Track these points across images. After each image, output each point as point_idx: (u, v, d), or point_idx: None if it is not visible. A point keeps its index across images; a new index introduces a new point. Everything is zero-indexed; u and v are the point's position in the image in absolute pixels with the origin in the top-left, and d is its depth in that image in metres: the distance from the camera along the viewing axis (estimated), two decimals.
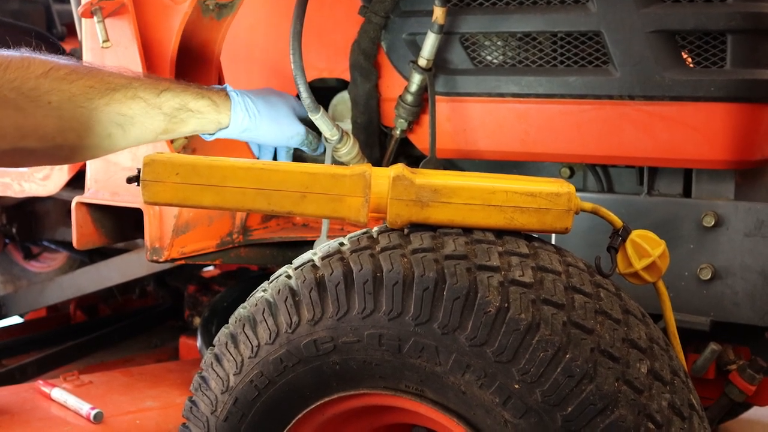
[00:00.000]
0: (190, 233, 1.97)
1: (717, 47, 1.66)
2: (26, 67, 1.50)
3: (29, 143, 1.52)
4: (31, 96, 1.50)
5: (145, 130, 1.65)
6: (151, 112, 1.65)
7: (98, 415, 2.13)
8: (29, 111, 1.50)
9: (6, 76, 1.48)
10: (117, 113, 1.60)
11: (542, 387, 1.18)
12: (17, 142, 1.51)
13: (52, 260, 3.72)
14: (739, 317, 1.72)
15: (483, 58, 1.89)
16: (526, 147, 1.86)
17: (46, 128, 1.53)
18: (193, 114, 1.72)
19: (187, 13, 1.90)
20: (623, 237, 1.40)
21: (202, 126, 1.76)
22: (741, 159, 1.70)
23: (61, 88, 1.53)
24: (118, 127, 1.60)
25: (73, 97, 1.54)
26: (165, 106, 1.67)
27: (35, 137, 1.52)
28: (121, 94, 1.61)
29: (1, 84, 1.47)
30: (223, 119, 1.78)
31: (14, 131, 1.50)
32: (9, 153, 1.52)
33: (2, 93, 1.47)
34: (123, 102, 1.60)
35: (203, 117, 1.74)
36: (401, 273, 1.26)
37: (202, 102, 1.74)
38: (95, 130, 1.58)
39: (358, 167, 1.36)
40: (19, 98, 1.48)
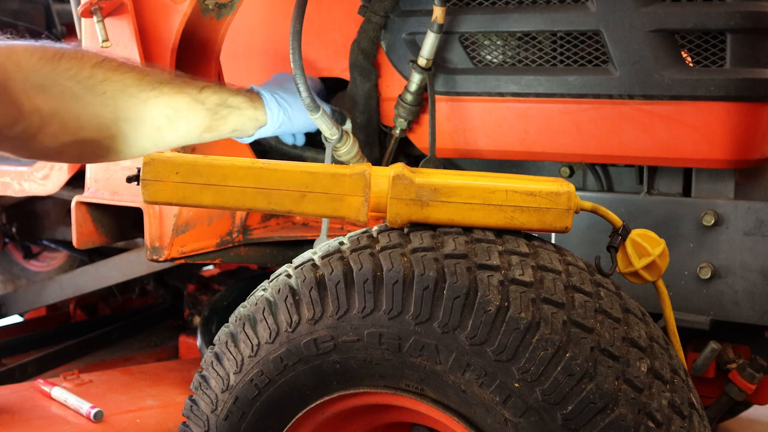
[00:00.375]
0: (190, 232, 1.97)
1: (716, 46, 1.66)
2: (80, 58, 1.54)
3: (88, 134, 1.55)
4: (88, 85, 1.54)
5: (190, 125, 1.69)
6: (195, 107, 1.69)
7: (98, 414, 2.13)
8: (87, 100, 1.54)
9: (61, 66, 1.51)
10: (166, 106, 1.64)
11: (542, 386, 1.18)
12: (76, 133, 1.54)
13: (51, 259, 3.72)
14: (739, 316, 1.72)
15: (483, 57, 1.89)
16: (526, 146, 1.86)
17: (103, 118, 1.56)
18: (233, 110, 1.77)
19: (186, 12, 1.90)
20: (623, 236, 1.40)
21: (242, 124, 1.80)
22: (740, 158, 1.70)
23: (115, 79, 1.57)
24: (167, 120, 1.65)
25: (126, 88, 1.58)
26: (207, 102, 1.71)
27: (93, 127, 1.56)
28: (169, 87, 1.65)
29: (57, 73, 1.51)
30: (260, 116, 1.82)
31: (74, 121, 1.53)
32: (69, 146, 1.55)
33: (60, 82, 1.51)
34: (171, 95, 1.65)
35: (242, 114, 1.79)
36: (401, 272, 1.26)
37: (240, 98, 1.79)
38: (147, 121, 1.62)
39: (357, 166, 1.36)
40: (76, 87, 1.52)
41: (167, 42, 1.93)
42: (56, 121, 1.52)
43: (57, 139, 1.54)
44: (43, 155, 1.62)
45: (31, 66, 1.49)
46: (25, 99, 1.47)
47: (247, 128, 1.82)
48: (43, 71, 1.50)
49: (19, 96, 1.46)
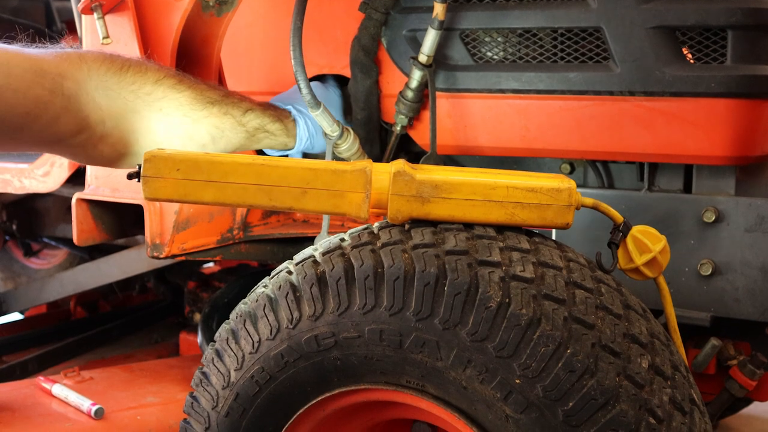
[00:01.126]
0: (191, 229, 1.97)
1: (717, 43, 1.66)
2: (144, 72, 1.61)
3: (141, 148, 1.61)
4: (147, 101, 1.61)
5: (228, 144, 1.75)
6: (237, 129, 1.75)
7: (99, 411, 2.13)
8: (144, 114, 1.61)
9: (126, 79, 1.58)
10: (213, 126, 1.70)
11: (543, 382, 1.18)
12: (132, 146, 1.62)
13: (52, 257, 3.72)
14: (740, 313, 1.72)
15: (483, 54, 1.89)
16: (527, 143, 1.86)
17: (157, 132, 1.63)
18: (268, 135, 1.83)
19: (186, 9, 1.90)
20: (624, 232, 1.40)
21: (271, 146, 1.87)
22: (741, 155, 1.70)
23: (171, 97, 1.64)
24: (211, 139, 1.71)
25: (180, 107, 1.65)
26: (249, 125, 1.77)
27: (147, 141, 1.63)
28: (217, 109, 1.71)
29: (122, 86, 1.58)
30: (290, 143, 1.88)
31: (130, 135, 1.60)
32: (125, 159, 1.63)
33: (123, 95, 1.58)
34: (218, 116, 1.71)
35: (275, 139, 1.85)
36: (402, 268, 1.26)
37: (278, 125, 1.84)
38: (194, 140, 1.68)
39: (358, 163, 1.36)
40: (136, 102, 1.59)
41: (168, 39, 1.93)
42: (116, 133, 1.58)
43: (115, 150, 1.60)
44: (100, 163, 1.68)
45: (99, 75, 1.55)
46: (92, 110, 1.53)
47: (273, 148, 1.89)
48: (110, 82, 1.56)
49: (87, 106, 1.52)
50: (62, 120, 1.48)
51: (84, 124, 1.52)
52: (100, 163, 1.67)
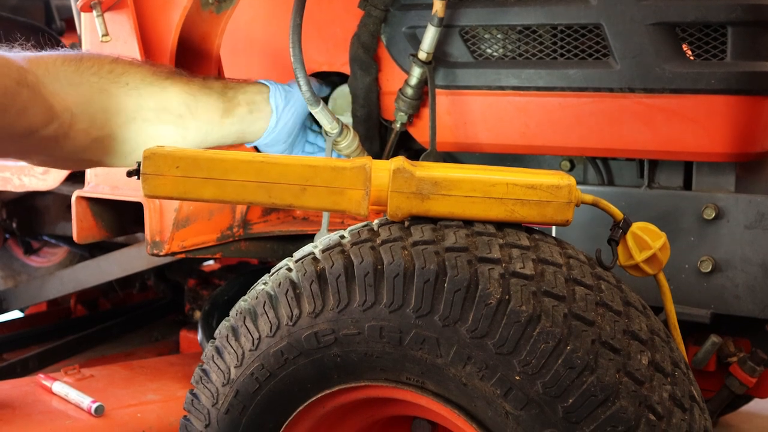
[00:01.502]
0: (191, 227, 1.97)
1: (717, 39, 1.66)
2: (97, 57, 1.66)
3: (115, 127, 1.63)
4: (110, 78, 1.64)
5: (208, 109, 1.76)
6: (207, 91, 1.76)
7: (99, 409, 2.13)
8: (112, 92, 1.63)
9: (83, 64, 1.62)
10: (182, 92, 1.72)
11: (543, 379, 1.18)
12: (104, 127, 1.63)
13: (52, 255, 3.72)
14: (740, 309, 1.72)
15: (483, 51, 1.88)
16: (527, 140, 1.86)
17: (128, 108, 1.65)
18: (237, 90, 1.83)
19: (186, 7, 1.90)
20: (624, 229, 1.40)
21: (251, 99, 1.85)
22: (741, 151, 1.70)
23: (132, 71, 1.67)
24: (186, 107, 1.72)
25: (145, 78, 1.68)
26: (213, 86, 1.79)
27: (120, 120, 1.64)
28: (179, 77, 1.74)
29: (81, 72, 1.61)
30: (262, 89, 1.88)
31: (101, 115, 1.61)
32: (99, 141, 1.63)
33: (85, 78, 1.61)
34: (184, 82, 1.73)
35: (246, 92, 1.85)
36: (402, 265, 1.26)
37: (237, 81, 1.86)
38: (168, 108, 1.69)
39: (358, 160, 1.36)
40: (101, 81, 1.62)
41: (167, 37, 1.93)
42: (85, 117, 1.60)
43: (88, 134, 1.61)
44: (75, 155, 1.67)
45: (56, 69, 1.59)
46: (55, 99, 1.54)
47: (258, 103, 1.87)
48: (68, 71, 1.60)
49: (50, 97, 1.53)
50: (30, 111, 1.49)
51: (51, 114, 1.53)
52: (77, 157, 1.66)
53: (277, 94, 1.90)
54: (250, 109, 1.86)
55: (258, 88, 1.90)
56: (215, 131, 1.81)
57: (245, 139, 1.91)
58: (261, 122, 1.89)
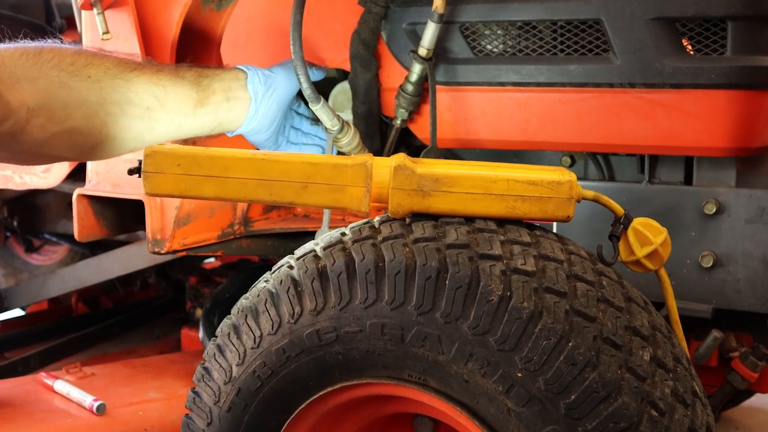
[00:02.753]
0: (192, 225, 1.97)
1: (717, 34, 1.65)
2: (59, 49, 1.58)
3: (76, 121, 1.57)
4: (71, 71, 1.56)
5: (179, 100, 1.70)
6: (178, 81, 1.70)
7: (101, 407, 2.13)
8: (72, 86, 1.56)
9: (43, 57, 1.54)
10: (150, 83, 1.65)
11: (545, 375, 1.19)
12: (64, 122, 1.56)
13: (53, 253, 3.72)
14: (741, 304, 1.72)
15: (483, 47, 1.88)
16: (527, 136, 1.86)
17: (90, 102, 1.58)
18: (212, 78, 1.77)
19: (186, 4, 1.90)
20: (625, 225, 1.40)
21: (228, 87, 1.79)
22: (742, 146, 1.70)
23: (96, 63, 1.59)
24: (155, 98, 1.66)
25: (109, 70, 1.60)
26: (186, 75, 1.72)
27: (81, 113, 1.57)
28: (148, 68, 1.67)
29: (41, 65, 1.54)
30: (239, 75, 1.82)
31: (61, 110, 1.55)
32: (59, 136, 1.56)
33: (44, 72, 1.53)
34: (152, 74, 1.67)
35: (222, 79, 1.79)
36: (403, 262, 1.26)
37: (213, 68, 1.80)
38: (134, 101, 1.63)
39: (359, 157, 1.36)
40: (61, 75, 1.54)
41: (168, 34, 1.92)
42: (43, 112, 1.53)
43: (45, 130, 1.54)
44: (34, 150, 1.61)
45: (13, 62, 1.52)
46: (10, 95, 1.48)
47: (235, 91, 1.81)
48: (26, 65, 1.53)
49: (5, 93, 1.47)
50: None
51: (6, 111, 1.48)
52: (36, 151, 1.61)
53: (256, 80, 1.83)
54: (226, 96, 1.79)
55: (234, 74, 1.83)
56: (188, 122, 1.74)
57: (224, 128, 1.84)
58: (239, 110, 1.83)
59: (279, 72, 1.88)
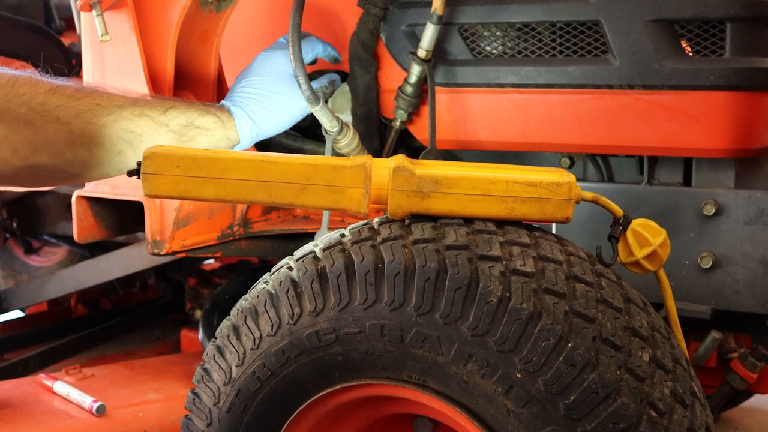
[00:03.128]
0: (191, 226, 1.97)
1: (716, 35, 1.66)
2: (34, 84, 1.52)
3: (40, 159, 1.52)
4: (40, 111, 1.51)
5: None
6: (159, 130, 1.64)
7: (101, 408, 2.13)
8: (39, 126, 1.51)
9: (15, 91, 1.49)
10: (125, 130, 1.59)
11: (544, 376, 1.19)
12: (28, 158, 1.52)
13: (52, 254, 3.72)
14: (740, 305, 1.73)
15: (482, 48, 1.88)
16: (526, 137, 1.86)
17: (57, 143, 1.53)
18: (201, 131, 1.71)
19: (185, 6, 1.90)
20: (624, 226, 1.40)
21: (213, 144, 1.74)
22: (741, 147, 1.70)
23: (69, 105, 1.54)
24: (128, 144, 1.60)
25: (81, 114, 1.55)
26: (172, 124, 1.66)
27: (46, 152, 1.52)
28: (128, 111, 1.60)
29: (10, 99, 1.48)
30: (231, 135, 1.76)
31: (25, 147, 1.50)
32: (22, 170, 1.53)
33: (12, 108, 1.48)
34: (130, 119, 1.60)
35: (211, 134, 1.72)
36: (403, 263, 1.26)
37: (208, 118, 1.73)
38: (105, 146, 1.58)
39: (358, 158, 1.36)
40: (29, 113, 1.49)
41: (167, 36, 1.92)
42: (6, 146, 1.49)
43: (8, 163, 1.50)
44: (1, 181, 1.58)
45: None
46: None
47: (219, 147, 1.75)
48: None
49: None
50: None
51: None
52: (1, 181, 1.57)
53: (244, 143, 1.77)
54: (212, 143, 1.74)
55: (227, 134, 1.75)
56: None
57: None
58: None
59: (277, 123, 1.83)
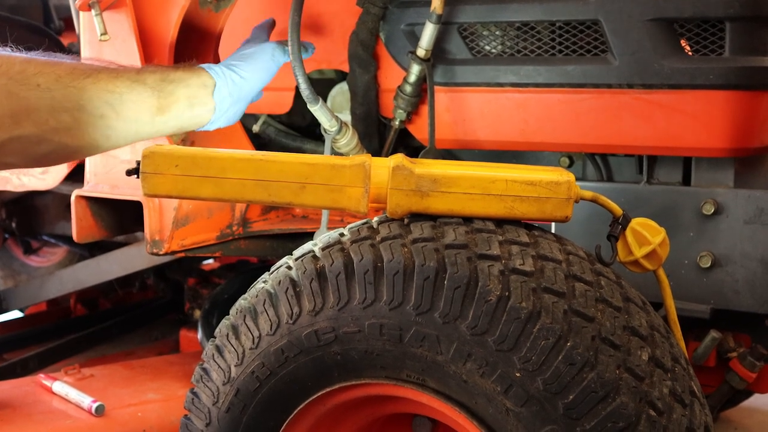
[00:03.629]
0: (190, 226, 1.97)
1: (715, 35, 1.65)
2: (8, 56, 1.51)
3: (25, 129, 1.51)
4: (19, 79, 1.50)
5: (137, 108, 1.62)
6: (137, 88, 1.62)
7: (100, 408, 2.13)
8: (21, 94, 1.50)
9: None
10: (105, 90, 1.58)
11: (544, 375, 1.19)
12: (13, 130, 1.51)
13: (51, 254, 3.72)
14: (739, 305, 1.73)
15: (481, 48, 1.88)
16: (526, 137, 1.86)
17: (39, 110, 1.52)
18: (177, 83, 1.69)
19: (184, 5, 1.90)
20: (623, 225, 1.40)
21: (193, 94, 1.72)
22: (740, 147, 1.70)
23: (47, 71, 1.53)
24: (109, 106, 1.59)
25: (60, 78, 1.54)
26: (148, 81, 1.64)
27: (30, 122, 1.51)
28: (105, 74, 1.59)
29: None
30: (207, 81, 1.74)
31: (9, 119, 1.50)
32: (8, 142, 1.51)
33: None
34: (108, 80, 1.59)
35: (188, 84, 1.71)
36: (402, 263, 1.26)
37: (180, 71, 1.72)
38: (87, 109, 1.57)
39: (357, 157, 1.36)
40: (9, 83, 1.49)
41: (166, 35, 1.92)
42: None
43: None
44: None
45: None
46: None
47: (200, 98, 1.73)
48: None
49: None
50: None
51: None
52: None
53: (224, 90, 1.76)
54: (190, 103, 1.71)
55: (203, 80, 1.74)
56: (147, 129, 1.67)
57: (184, 130, 1.78)
58: (201, 117, 1.76)
59: (251, 73, 1.81)
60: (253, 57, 1.85)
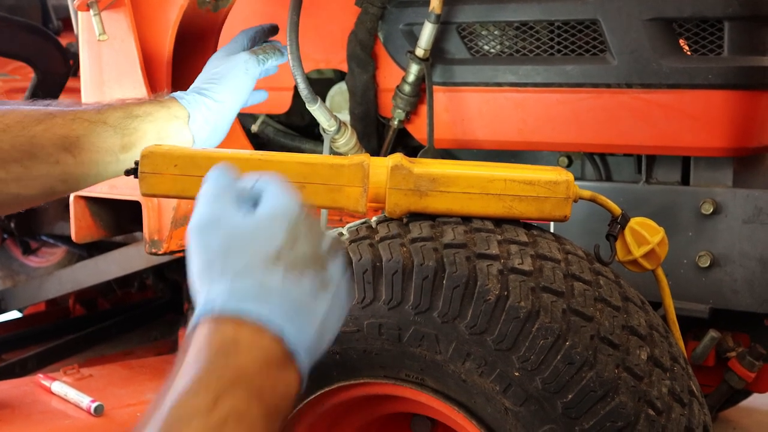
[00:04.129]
0: None
1: (714, 34, 1.66)
2: None
3: None
4: None
5: (98, 151, 1.53)
6: (96, 129, 1.53)
7: (99, 408, 2.13)
8: None
9: None
10: (59, 136, 1.51)
11: (542, 374, 1.19)
12: None
13: (50, 255, 3.72)
14: (738, 304, 1.73)
15: (480, 47, 1.88)
16: (524, 136, 1.86)
17: None
18: (142, 118, 1.58)
19: (183, 5, 1.90)
20: (622, 225, 1.40)
21: (162, 128, 1.60)
22: (739, 146, 1.70)
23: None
24: (65, 152, 1.51)
25: (8, 128, 1.48)
26: (109, 119, 1.55)
27: None
28: (61, 118, 1.52)
29: None
30: (178, 112, 1.62)
31: None
32: None
33: None
34: (63, 124, 1.51)
35: (154, 118, 1.59)
36: (400, 262, 1.26)
37: (147, 105, 1.61)
38: (39, 157, 1.50)
39: (356, 157, 1.35)
40: None
41: (164, 35, 1.92)
42: None
43: None
44: None
45: None
46: None
47: (170, 131, 1.61)
48: None
49: None
50: None
51: None
52: None
53: (198, 118, 1.63)
54: (158, 137, 1.59)
55: (173, 112, 1.61)
56: (112, 168, 1.57)
57: None
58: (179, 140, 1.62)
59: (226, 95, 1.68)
60: (226, 76, 1.70)
